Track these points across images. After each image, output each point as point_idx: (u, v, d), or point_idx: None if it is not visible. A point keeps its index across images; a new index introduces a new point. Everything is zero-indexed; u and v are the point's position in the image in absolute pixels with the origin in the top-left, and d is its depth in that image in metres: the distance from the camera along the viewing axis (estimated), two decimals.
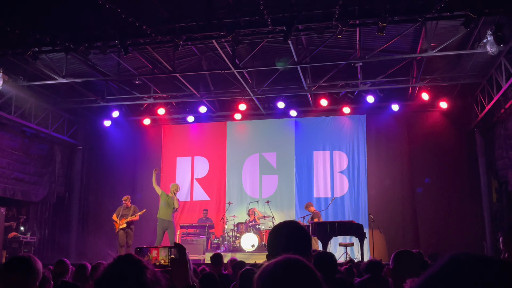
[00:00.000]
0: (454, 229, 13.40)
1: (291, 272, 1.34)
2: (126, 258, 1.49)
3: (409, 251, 3.04)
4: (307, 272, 1.37)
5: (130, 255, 1.52)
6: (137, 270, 1.44)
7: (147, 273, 1.45)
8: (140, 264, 1.46)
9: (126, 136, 16.09)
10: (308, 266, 1.38)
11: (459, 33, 10.27)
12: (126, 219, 12.81)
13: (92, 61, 12.11)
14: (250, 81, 13.20)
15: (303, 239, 2.10)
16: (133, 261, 1.47)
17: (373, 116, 14.96)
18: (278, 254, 2.04)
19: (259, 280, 1.37)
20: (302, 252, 2.07)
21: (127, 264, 1.46)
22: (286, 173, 15.19)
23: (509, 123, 12.46)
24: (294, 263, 1.39)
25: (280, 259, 1.40)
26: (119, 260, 1.48)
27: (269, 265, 1.38)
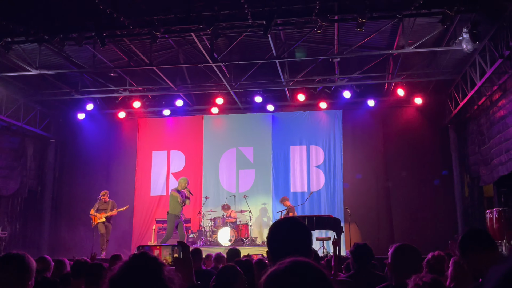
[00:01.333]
0: (428, 223, 13.66)
1: (303, 277, 1.31)
2: (143, 256, 1.45)
3: (408, 244, 3.01)
4: (319, 275, 1.34)
5: (146, 252, 1.48)
6: (156, 267, 1.41)
7: (164, 270, 1.42)
8: (158, 261, 1.44)
9: (101, 129, 15.83)
10: (318, 269, 1.35)
11: (435, 30, 10.42)
12: (105, 214, 12.69)
13: (66, 52, 11.83)
14: (228, 75, 13.13)
15: (305, 236, 2.08)
16: (151, 258, 1.44)
17: (349, 111, 15.08)
18: (280, 251, 2.03)
19: (269, 284, 1.33)
20: (304, 249, 2.05)
21: (146, 261, 1.42)
22: (263, 167, 15.20)
23: (482, 119, 12.74)
24: (305, 267, 1.35)
25: (289, 262, 1.36)
26: (136, 258, 1.44)
27: (277, 270, 1.34)
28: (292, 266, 1.33)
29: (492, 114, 11.91)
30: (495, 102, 11.76)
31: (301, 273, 1.31)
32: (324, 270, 1.35)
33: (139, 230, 15.02)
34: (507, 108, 10.88)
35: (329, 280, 1.33)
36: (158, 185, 15.57)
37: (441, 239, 12.52)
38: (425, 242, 11.32)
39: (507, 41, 9.17)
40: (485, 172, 12.62)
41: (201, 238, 13.58)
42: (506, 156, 10.98)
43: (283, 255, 1.97)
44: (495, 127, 11.67)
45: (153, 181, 15.62)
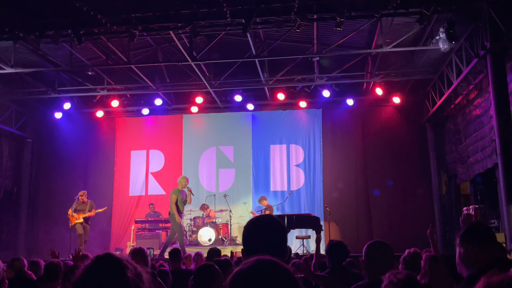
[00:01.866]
0: (406, 221, 13.79)
1: (268, 275, 1.29)
2: (106, 258, 1.40)
3: (381, 242, 3.03)
4: (284, 274, 1.31)
5: (109, 254, 1.44)
6: (118, 270, 1.36)
7: (128, 272, 1.37)
8: (121, 264, 1.38)
9: (78, 128, 15.60)
10: (284, 267, 1.33)
11: (413, 29, 10.54)
12: (83, 214, 12.52)
13: (42, 50, 11.63)
14: (207, 74, 13.07)
15: (280, 235, 2.07)
16: (113, 261, 1.39)
17: (329, 110, 15.16)
18: (255, 249, 2.01)
19: (233, 284, 1.31)
20: (279, 247, 2.04)
21: (107, 264, 1.37)
22: (243, 166, 15.18)
23: (459, 118, 12.92)
24: (269, 265, 1.33)
25: (253, 262, 1.34)
26: (98, 260, 1.39)
27: (242, 269, 1.32)
28: (256, 265, 1.31)
29: (469, 113, 12.10)
30: (471, 101, 11.95)
31: (265, 272, 1.29)
32: (290, 269, 1.33)
33: (118, 231, 14.86)
34: (483, 107, 11.05)
35: (295, 278, 1.31)
36: (137, 185, 15.42)
37: (419, 236, 12.65)
38: (403, 240, 11.45)
39: (482, 41, 9.32)
40: (462, 170, 12.81)
41: None
42: (482, 154, 11.15)
43: (257, 253, 1.96)
44: (471, 125, 11.86)
45: (132, 181, 15.46)
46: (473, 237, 2.75)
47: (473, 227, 2.92)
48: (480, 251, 2.68)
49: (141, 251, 4.15)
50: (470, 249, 2.70)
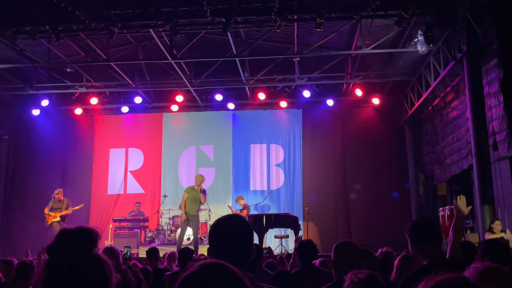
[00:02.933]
0: (384, 220, 13.94)
1: (213, 280, 1.29)
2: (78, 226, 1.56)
3: (349, 241, 3.08)
4: (231, 277, 1.31)
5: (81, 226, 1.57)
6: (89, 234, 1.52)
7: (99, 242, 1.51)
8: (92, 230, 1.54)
9: (56, 126, 15.40)
10: (231, 270, 1.32)
11: (392, 31, 10.66)
12: (60, 213, 12.37)
13: (20, 46, 11.45)
14: (188, 72, 13.03)
15: (244, 234, 2.07)
16: (85, 228, 1.54)
17: (309, 110, 15.24)
18: (219, 249, 2.02)
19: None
20: (243, 247, 2.05)
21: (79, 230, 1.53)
22: (223, 165, 15.17)
23: (436, 120, 13.11)
24: (215, 269, 1.32)
25: (198, 266, 1.33)
26: (74, 228, 1.54)
27: (187, 274, 1.32)
28: (201, 270, 1.31)
29: (446, 115, 12.29)
30: (448, 103, 12.13)
31: (210, 277, 1.29)
32: (238, 272, 1.32)
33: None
34: (459, 109, 11.23)
35: (243, 282, 1.30)
36: (115, 184, 15.29)
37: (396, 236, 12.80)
38: (380, 239, 11.56)
39: (459, 44, 9.47)
40: (438, 171, 13.00)
41: (159, 237, 13.43)
42: (458, 155, 11.34)
43: (222, 253, 1.97)
44: (448, 127, 12.04)
45: (110, 180, 15.32)
46: (413, 234, 2.83)
47: (417, 223, 2.99)
48: (417, 248, 2.77)
49: (112, 250, 4.13)
50: (412, 244, 2.80)
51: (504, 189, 9.22)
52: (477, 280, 1.61)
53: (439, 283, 1.21)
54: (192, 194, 11.27)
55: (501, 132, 9.01)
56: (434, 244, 2.84)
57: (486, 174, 8.77)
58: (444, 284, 1.20)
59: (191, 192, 11.31)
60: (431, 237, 2.86)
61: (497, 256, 3.46)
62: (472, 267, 1.79)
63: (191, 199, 11.23)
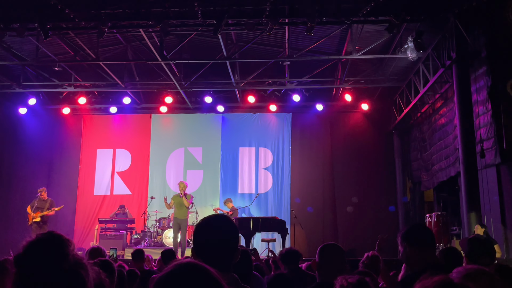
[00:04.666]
0: (370, 226, 13.92)
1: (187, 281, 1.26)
2: (48, 233, 1.47)
3: (335, 244, 3.07)
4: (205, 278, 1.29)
5: (52, 231, 1.48)
6: (59, 242, 1.42)
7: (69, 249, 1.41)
8: (63, 238, 1.44)
9: (43, 125, 15.23)
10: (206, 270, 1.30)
11: (382, 37, 10.71)
12: (41, 213, 12.15)
13: (7, 43, 11.32)
14: (178, 74, 12.97)
15: (229, 235, 2.04)
16: (55, 237, 1.45)
17: (298, 114, 15.25)
18: (203, 249, 1.98)
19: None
20: (228, 247, 2.01)
21: (48, 240, 1.43)
22: (211, 168, 15.11)
23: (424, 126, 13.18)
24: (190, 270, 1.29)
25: (173, 267, 1.31)
26: (40, 236, 1.45)
27: (161, 275, 1.29)
28: (175, 270, 1.28)
29: (434, 122, 12.36)
30: (437, 110, 12.21)
31: (184, 277, 1.26)
32: (213, 272, 1.30)
33: (81, 230, 14.56)
34: (448, 116, 11.30)
35: (218, 281, 1.28)
36: (102, 184, 15.15)
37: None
38: (367, 244, 11.55)
39: (449, 52, 9.53)
40: (426, 177, 13.07)
41: (145, 239, 13.32)
42: (445, 162, 11.40)
43: (206, 253, 1.93)
44: (437, 134, 12.11)
45: (97, 180, 15.18)
46: (411, 238, 2.83)
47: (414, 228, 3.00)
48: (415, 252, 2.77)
49: (99, 250, 4.06)
50: (408, 249, 2.79)
51: (491, 196, 9.28)
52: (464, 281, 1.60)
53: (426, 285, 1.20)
54: (177, 200, 12.09)
55: (488, 139, 9.08)
56: (431, 248, 2.86)
57: (473, 181, 8.81)
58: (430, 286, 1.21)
59: (176, 199, 12.15)
60: (429, 242, 2.87)
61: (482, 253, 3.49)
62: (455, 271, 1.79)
63: (177, 205, 12.05)
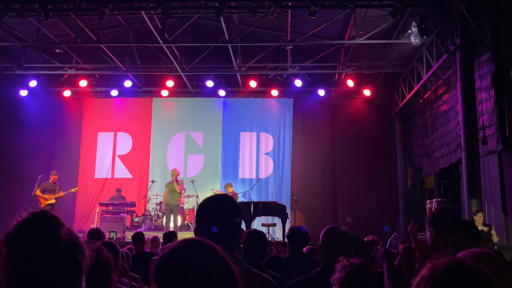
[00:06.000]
0: (371, 212, 13.98)
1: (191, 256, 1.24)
2: (40, 214, 1.39)
3: (338, 227, 3.04)
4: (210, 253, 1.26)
5: (45, 211, 1.42)
6: (51, 224, 1.35)
7: (62, 229, 1.35)
8: (55, 220, 1.37)
9: (44, 107, 15.18)
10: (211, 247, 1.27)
11: (386, 22, 10.60)
12: (54, 195, 12.32)
13: (8, 24, 11.23)
14: (179, 57, 12.88)
15: (231, 214, 2.02)
16: (47, 216, 1.38)
17: (300, 100, 15.18)
18: (206, 229, 1.96)
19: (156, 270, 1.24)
20: (230, 227, 1.99)
21: (41, 218, 1.37)
22: (212, 153, 15.10)
23: (427, 113, 13.12)
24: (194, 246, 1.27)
25: (177, 244, 1.28)
26: (32, 215, 1.38)
27: (165, 253, 1.26)
28: (180, 247, 1.26)
29: (436, 108, 12.30)
30: (439, 96, 12.14)
31: (189, 253, 1.24)
32: (219, 249, 1.27)
33: (82, 213, 14.60)
34: (450, 102, 11.24)
35: (223, 258, 1.26)
36: (103, 168, 15.16)
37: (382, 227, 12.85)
38: (367, 230, 11.57)
39: (453, 37, 9.44)
40: (427, 164, 13.05)
41: (145, 222, 13.36)
42: (447, 149, 11.37)
43: (208, 233, 1.92)
44: (438, 120, 12.06)
45: (98, 163, 15.19)
46: (438, 222, 2.79)
47: (441, 212, 2.95)
48: (442, 237, 2.72)
49: (98, 231, 4.06)
50: (434, 233, 2.75)
51: (492, 183, 9.27)
52: None
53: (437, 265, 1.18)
54: (170, 187, 12.72)
55: (490, 126, 9.04)
56: (458, 233, 2.81)
57: (475, 168, 8.79)
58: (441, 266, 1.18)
59: (168, 185, 12.79)
60: (456, 226, 2.83)
61: None
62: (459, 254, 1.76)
63: (170, 191, 12.69)
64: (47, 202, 12.32)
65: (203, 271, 1.20)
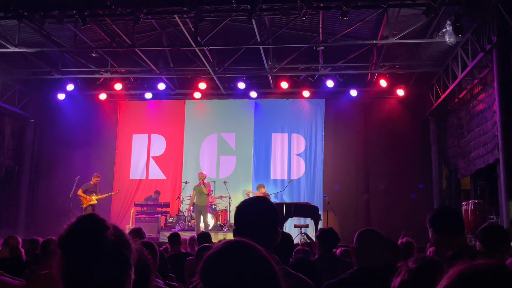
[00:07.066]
0: (405, 213, 13.76)
1: (237, 257, 1.27)
2: (88, 217, 1.50)
3: (373, 229, 3.02)
4: (255, 254, 1.29)
5: (93, 214, 1.53)
6: (98, 228, 1.45)
7: (107, 232, 1.44)
8: (102, 223, 1.47)
9: (81, 110, 15.58)
10: (255, 248, 1.30)
11: (419, 21, 10.44)
12: (96, 196, 12.71)
13: (47, 30, 11.59)
14: (211, 60, 13.02)
15: (270, 216, 2.06)
16: (95, 220, 1.48)
17: (332, 100, 15.12)
18: (245, 230, 2.01)
19: (203, 270, 1.29)
20: (268, 228, 2.03)
21: (89, 222, 1.47)
22: (244, 154, 15.19)
23: (462, 112, 12.86)
24: (239, 247, 1.30)
25: (222, 244, 1.32)
26: (81, 219, 1.50)
27: (211, 253, 1.30)
28: (225, 248, 1.30)
29: (472, 108, 12.04)
30: (475, 95, 11.88)
31: (234, 254, 1.28)
32: (263, 250, 1.30)
33: (118, 213, 14.92)
34: (487, 102, 10.99)
35: (268, 260, 1.28)
36: (138, 169, 15.46)
37: (417, 229, 12.67)
38: (400, 232, 11.43)
39: (489, 35, 9.25)
40: (463, 165, 12.78)
41: (179, 223, 13.56)
42: (483, 149, 11.12)
43: (247, 234, 1.96)
44: (474, 120, 11.80)
45: (132, 165, 15.50)
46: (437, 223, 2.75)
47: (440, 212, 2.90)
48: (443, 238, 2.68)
49: (139, 231, 4.18)
50: (435, 234, 2.71)
51: None
52: None
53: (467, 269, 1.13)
54: (198, 189, 13.10)
55: None
56: (459, 233, 2.77)
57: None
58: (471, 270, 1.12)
59: (196, 188, 13.19)
60: (456, 226, 2.78)
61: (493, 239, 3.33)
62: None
63: (198, 193, 13.04)
64: (89, 203, 12.69)
65: (249, 271, 1.24)
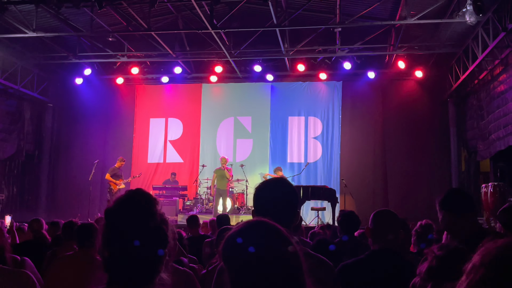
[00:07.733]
0: (423, 196, 13.67)
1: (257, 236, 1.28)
2: (138, 190, 1.57)
3: (388, 210, 2.99)
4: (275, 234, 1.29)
5: (140, 189, 1.60)
6: (148, 200, 1.52)
7: (156, 206, 1.52)
8: (150, 197, 1.54)
9: (98, 94, 15.71)
10: (275, 227, 1.31)
11: (438, 1, 10.25)
12: (123, 180, 13.05)
13: (64, 15, 11.64)
14: (227, 43, 12.96)
15: (289, 196, 2.06)
16: (144, 193, 1.56)
17: (349, 83, 14.98)
18: (264, 210, 2.02)
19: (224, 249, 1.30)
20: (288, 208, 2.03)
21: (139, 195, 1.54)
22: (261, 137, 15.19)
23: (482, 94, 12.65)
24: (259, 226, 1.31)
25: (243, 224, 1.33)
26: (130, 192, 1.56)
27: (232, 232, 1.31)
28: (247, 227, 1.30)
29: (493, 89, 11.83)
30: (496, 76, 11.66)
31: (256, 233, 1.28)
32: (284, 230, 1.30)
33: None
34: (508, 83, 10.79)
35: (288, 239, 1.29)
36: (155, 152, 15.58)
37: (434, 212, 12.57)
38: (419, 215, 11.38)
39: (511, 14, 9.02)
40: (482, 147, 12.61)
41: (197, 206, 13.68)
42: (504, 131, 10.95)
43: (267, 214, 1.97)
44: (495, 102, 11.60)
45: (150, 148, 15.63)
46: (449, 205, 2.71)
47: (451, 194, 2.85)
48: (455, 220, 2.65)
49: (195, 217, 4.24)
50: (447, 217, 2.67)
51: None
52: None
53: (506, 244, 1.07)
54: (219, 173, 13.12)
55: None
56: (472, 214, 2.73)
57: None
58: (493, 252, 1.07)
59: (218, 171, 13.17)
60: (469, 208, 2.73)
61: None
62: None
63: (219, 177, 13.05)
64: (118, 187, 12.86)
65: (270, 250, 1.25)
